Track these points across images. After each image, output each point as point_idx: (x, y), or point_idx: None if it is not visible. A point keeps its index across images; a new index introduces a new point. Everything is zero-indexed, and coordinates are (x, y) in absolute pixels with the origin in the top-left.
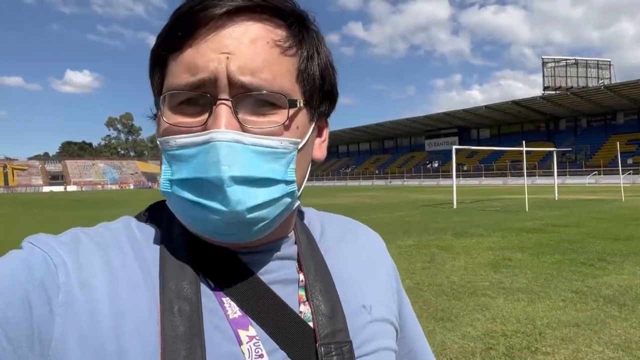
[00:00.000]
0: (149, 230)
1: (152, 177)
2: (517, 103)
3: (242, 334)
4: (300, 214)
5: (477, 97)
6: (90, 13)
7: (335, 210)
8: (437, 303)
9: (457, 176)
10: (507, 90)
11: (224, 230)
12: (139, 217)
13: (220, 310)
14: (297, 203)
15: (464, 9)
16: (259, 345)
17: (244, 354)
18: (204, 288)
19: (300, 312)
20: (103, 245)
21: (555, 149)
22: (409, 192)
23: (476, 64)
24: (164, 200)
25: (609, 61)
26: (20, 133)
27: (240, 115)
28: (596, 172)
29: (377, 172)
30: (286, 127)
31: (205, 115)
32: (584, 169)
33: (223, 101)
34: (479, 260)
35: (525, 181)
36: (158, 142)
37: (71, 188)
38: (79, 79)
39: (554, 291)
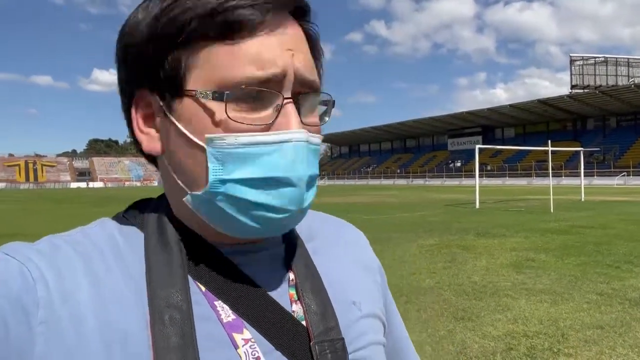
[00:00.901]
0: (131, 234)
1: None
2: (543, 102)
3: (237, 337)
4: None
5: (501, 95)
6: (117, 13)
7: (357, 209)
8: (458, 303)
9: (481, 176)
10: (533, 88)
11: (278, 229)
12: (118, 219)
13: (214, 315)
14: None
15: (489, 6)
16: (255, 347)
17: (240, 357)
18: (195, 292)
19: (293, 311)
20: (84, 253)
21: (582, 148)
22: (430, 191)
23: (501, 62)
24: (143, 200)
25: None
26: (49, 130)
27: (301, 114)
28: (625, 173)
29: (398, 171)
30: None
31: (269, 112)
32: (612, 170)
33: (290, 99)
34: (501, 261)
35: (551, 181)
36: (193, 137)
37: (97, 184)
38: (106, 77)
39: (578, 293)
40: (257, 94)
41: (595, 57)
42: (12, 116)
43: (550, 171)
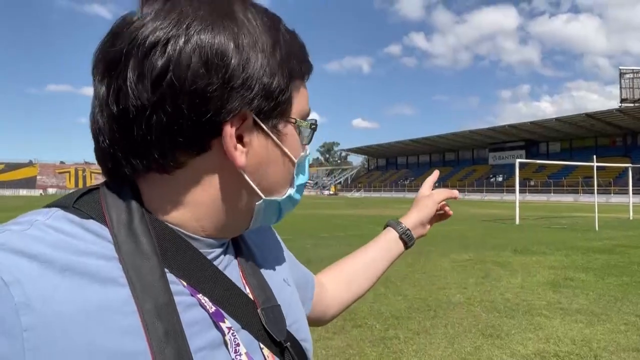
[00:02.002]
0: (95, 230)
1: None
2: (590, 116)
3: (222, 325)
4: None
5: (546, 108)
6: None
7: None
8: (488, 319)
9: (524, 191)
10: (580, 102)
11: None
12: (69, 210)
13: (199, 306)
14: None
15: (534, 17)
16: (235, 334)
17: (227, 344)
18: (177, 286)
19: (247, 293)
20: (54, 247)
21: (630, 165)
22: (469, 206)
23: (546, 74)
24: (90, 189)
25: None
26: None
27: None
28: None
29: (436, 184)
30: None
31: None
32: None
33: None
34: (537, 279)
35: (596, 198)
36: (290, 154)
37: None
38: None
39: (616, 314)
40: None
41: None
42: (63, 126)
43: (596, 187)
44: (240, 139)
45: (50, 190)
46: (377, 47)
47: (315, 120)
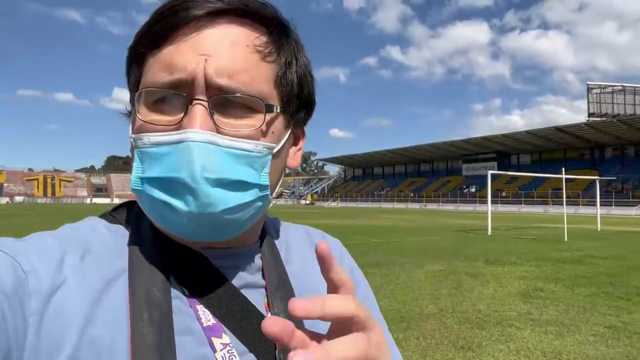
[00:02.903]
0: (119, 233)
1: None
2: (559, 129)
3: (216, 341)
4: (266, 222)
5: (517, 122)
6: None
7: (366, 231)
8: (460, 331)
9: (496, 202)
10: (549, 115)
11: (193, 231)
12: (105, 218)
13: (195, 317)
14: (269, 206)
15: (505, 33)
16: (233, 352)
17: None
18: (177, 294)
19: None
20: (73, 249)
21: (598, 177)
22: (443, 216)
23: (517, 89)
24: (132, 201)
25: None
26: (69, 146)
27: (216, 117)
28: None
29: (412, 195)
30: (262, 132)
31: (181, 115)
32: (631, 200)
33: (199, 101)
34: (508, 289)
35: (565, 210)
36: (131, 139)
37: (106, 200)
38: (126, 96)
39: (585, 325)
40: (171, 96)
41: (612, 86)
42: (33, 132)
43: (565, 199)
44: None
45: (18, 199)
46: (354, 59)
47: (149, 88)
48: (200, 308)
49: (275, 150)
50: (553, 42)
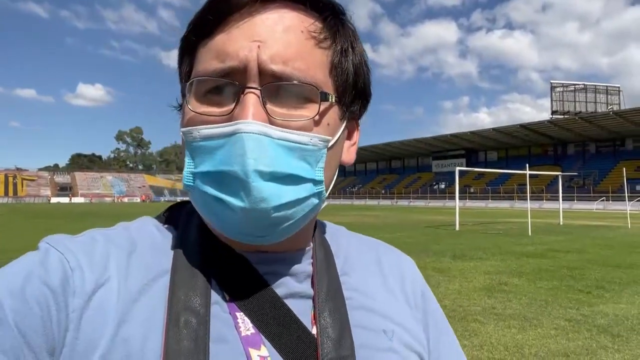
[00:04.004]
0: (168, 234)
1: (160, 191)
2: (524, 126)
3: (254, 353)
4: (322, 227)
5: (484, 119)
6: (104, 28)
7: None
8: None
9: (464, 198)
10: (515, 113)
11: (246, 229)
12: (158, 219)
13: (233, 325)
14: (324, 205)
15: (472, 32)
16: None
17: None
18: (217, 300)
19: (314, 333)
20: (120, 247)
21: (561, 173)
22: (414, 212)
23: (484, 87)
24: (184, 202)
25: (618, 87)
26: (32, 144)
27: (268, 106)
28: (604, 198)
29: (383, 191)
30: (316, 123)
31: (232, 105)
32: (592, 195)
33: (251, 90)
34: (474, 284)
35: (529, 205)
36: (181, 133)
37: (77, 200)
38: (91, 92)
39: (547, 319)
40: (223, 85)
41: (575, 84)
42: None
43: (529, 195)
44: None
45: None
46: None
47: (199, 77)
48: (240, 316)
49: (330, 144)
50: (518, 42)
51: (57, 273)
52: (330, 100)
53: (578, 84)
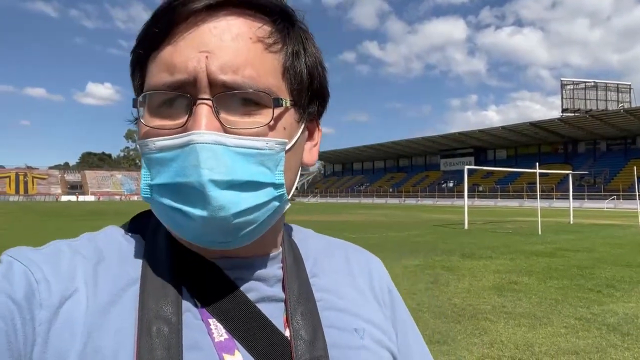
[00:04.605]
0: (135, 243)
1: None
2: (534, 124)
3: (228, 358)
4: (290, 231)
5: (493, 117)
6: (112, 28)
7: (345, 227)
8: (436, 325)
9: (473, 197)
10: (524, 111)
11: (208, 236)
12: (124, 227)
13: (206, 332)
14: (287, 207)
15: (480, 30)
16: None
17: None
18: (189, 307)
19: (286, 335)
20: (87, 258)
21: (571, 171)
22: (422, 211)
23: (492, 85)
24: (150, 210)
25: (629, 85)
26: (42, 143)
27: (222, 116)
28: (615, 196)
29: (391, 190)
30: (271, 128)
31: (185, 117)
32: (602, 193)
33: (203, 101)
34: (483, 283)
35: (539, 204)
36: (137, 146)
37: (87, 198)
38: (100, 91)
39: (557, 317)
40: (174, 98)
41: (585, 82)
42: (4, 128)
43: (539, 193)
44: None
45: None
46: (332, 54)
47: (150, 92)
48: (213, 322)
49: (288, 147)
50: (527, 39)
51: (21, 286)
52: (284, 104)
53: (589, 82)
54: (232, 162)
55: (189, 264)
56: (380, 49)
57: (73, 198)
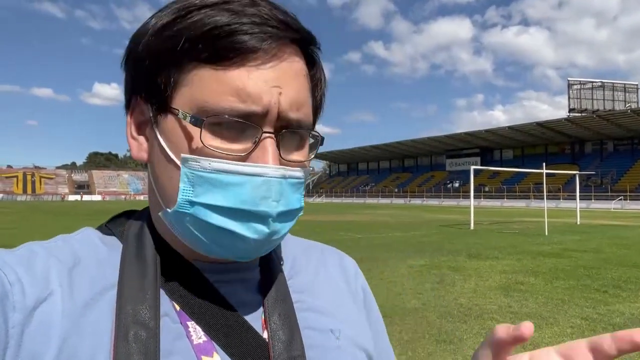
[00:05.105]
0: (112, 245)
1: None
2: (541, 124)
3: None
4: None
5: (499, 117)
6: (118, 28)
7: (350, 227)
8: (442, 325)
9: (479, 197)
10: (531, 111)
11: (248, 255)
12: (101, 229)
13: (184, 335)
14: None
15: (486, 29)
16: None
17: None
18: (167, 311)
19: (265, 337)
20: (62, 261)
21: (578, 172)
22: (427, 211)
23: (498, 85)
24: (127, 212)
25: (637, 85)
26: (49, 143)
27: (281, 149)
28: (622, 197)
29: (396, 190)
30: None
31: (248, 144)
32: (609, 194)
33: (269, 134)
34: (489, 283)
35: (545, 204)
36: (176, 158)
37: (94, 197)
38: (107, 91)
39: (563, 317)
40: (236, 124)
41: (592, 82)
42: (11, 128)
43: (546, 194)
44: (144, 130)
45: None
46: (337, 54)
47: (227, 115)
48: (192, 325)
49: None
50: (533, 39)
51: None
52: (320, 141)
53: (595, 82)
54: (289, 193)
55: (168, 266)
56: (386, 48)
57: (78, 197)
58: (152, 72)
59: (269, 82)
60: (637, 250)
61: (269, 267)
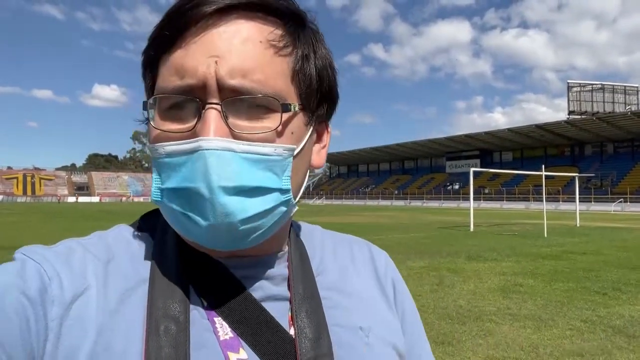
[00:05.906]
0: (144, 242)
1: None
2: (540, 127)
3: (233, 356)
4: (297, 229)
5: (499, 119)
6: (118, 30)
7: (350, 229)
8: (440, 327)
9: (478, 199)
10: (531, 113)
11: (215, 241)
12: (134, 226)
13: (212, 330)
14: (294, 211)
15: (485, 32)
16: None
17: None
18: (196, 306)
19: (292, 334)
20: (98, 257)
21: (577, 174)
22: (427, 213)
23: (498, 87)
24: (158, 209)
25: (637, 87)
26: (49, 144)
27: (230, 120)
28: (622, 199)
29: (396, 192)
30: (280, 133)
31: (194, 121)
32: (609, 196)
33: (212, 105)
34: (488, 285)
35: (545, 206)
36: (147, 149)
37: (93, 199)
38: (107, 93)
39: (562, 319)
40: (183, 102)
41: (592, 84)
42: (11, 129)
43: (545, 196)
44: None
45: None
46: (337, 56)
47: (160, 95)
48: (218, 321)
49: (296, 152)
50: (533, 41)
51: (34, 283)
52: (292, 109)
53: (595, 84)
54: (239, 168)
55: (196, 264)
56: (385, 51)
57: (74, 199)
58: (143, 79)
59: (206, 52)
60: (637, 252)
61: (297, 263)
